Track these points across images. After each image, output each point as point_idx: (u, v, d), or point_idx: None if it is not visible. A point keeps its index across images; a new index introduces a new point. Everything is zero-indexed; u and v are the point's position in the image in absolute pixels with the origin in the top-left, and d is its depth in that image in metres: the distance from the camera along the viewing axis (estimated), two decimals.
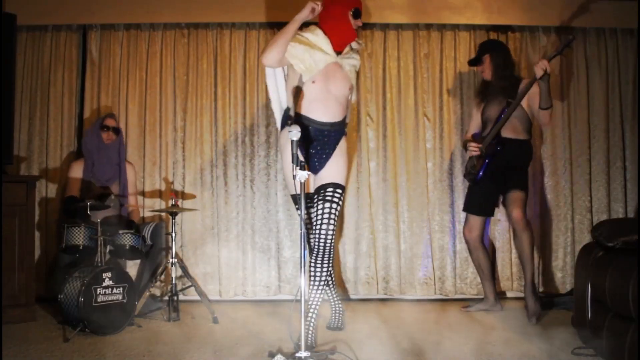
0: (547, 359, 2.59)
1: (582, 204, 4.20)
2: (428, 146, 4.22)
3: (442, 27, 4.27)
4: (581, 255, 2.82)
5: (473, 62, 3.73)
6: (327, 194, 2.77)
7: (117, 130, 3.85)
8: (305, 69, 2.85)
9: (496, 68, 3.59)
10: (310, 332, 2.73)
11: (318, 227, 2.74)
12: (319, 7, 2.84)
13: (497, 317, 3.50)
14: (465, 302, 3.87)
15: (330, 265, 2.83)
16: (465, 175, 3.80)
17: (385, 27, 4.26)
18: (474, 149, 3.61)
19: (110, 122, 3.83)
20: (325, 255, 2.76)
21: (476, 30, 4.25)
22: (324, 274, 2.80)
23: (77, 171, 3.79)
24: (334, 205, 2.75)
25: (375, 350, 2.72)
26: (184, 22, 4.22)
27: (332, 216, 2.74)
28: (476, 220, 3.68)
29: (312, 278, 2.80)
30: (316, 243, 2.75)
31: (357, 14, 2.93)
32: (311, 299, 2.79)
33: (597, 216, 4.18)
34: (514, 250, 4.13)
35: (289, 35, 2.83)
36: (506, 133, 3.48)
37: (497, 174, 3.53)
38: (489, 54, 3.61)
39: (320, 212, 2.75)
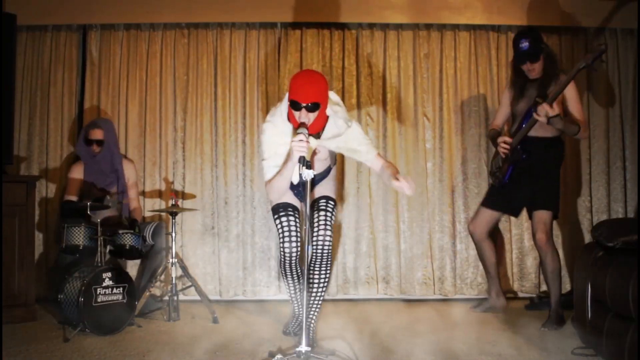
0: (547, 358, 2.59)
1: (582, 204, 4.20)
2: (428, 146, 4.22)
3: (442, 27, 4.27)
4: (581, 255, 2.82)
5: (531, 58, 3.23)
6: (321, 204, 2.87)
7: (101, 142, 3.71)
8: (295, 180, 2.71)
9: (547, 67, 3.26)
10: (310, 333, 2.71)
11: (317, 233, 2.80)
12: (304, 144, 2.45)
13: (498, 317, 3.50)
14: (465, 303, 3.87)
15: (329, 270, 2.86)
16: (490, 174, 3.62)
17: (385, 27, 4.26)
18: (505, 148, 3.34)
19: (94, 135, 3.69)
20: (324, 260, 2.82)
21: (476, 30, 4.25)
22: (326, 278, 2.86)
23: (76, 173, 3.79)
24: (328, 215, 2.85)
25: (375, 350, 2.73)
26: (184, 22, 4.22)
27: (329, 222, 2.82)
28: (487, 215, 3.50)
29: (312, 283, 2.83)
30: (316, 249, 2.80)
31: (293, 106, 2.57)
32: (313, 303, 2.86)
33: (597, 216, 4.18)
34: (514, 250, 4.15)
35: (287, 180, 2.63)
36: (534, 131, 3.24)
37: (524, 177, 3.33)
38: (543, 51, 3.25)
39: (316, 219, 2.83)
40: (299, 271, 2.91)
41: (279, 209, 2.86)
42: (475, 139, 4.19)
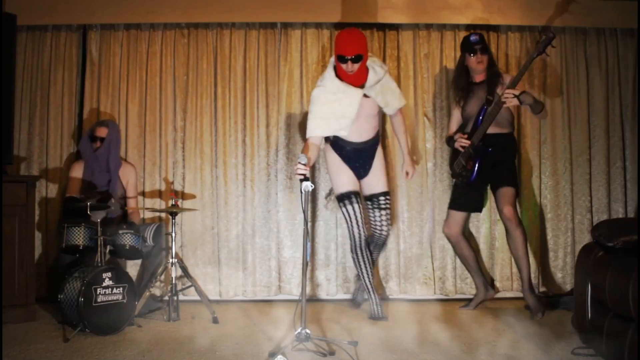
0: (547, 358, 2.59)
1: (582, 204, 4.20)
2: (428, 146, 4.22)
3: (442, 27, 4.27)
4: (581, 255, 2.82)
5: (474, 48, 3.55)
6: (381, 202, 3.49)
7: (103, 140, 3.77)
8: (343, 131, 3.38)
9: (490, 64, 3.61)
10: (376, 304, 3.45)
11: (380, 229, 3.55)
12: (302, 169, 2.88)
13: (497, 317, 3.50)
14: (464, 302, 3.86)
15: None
16: (454, 176, 3.77)
17: (385, 27, 4.26)
18: (464, 141, 3.57)
19: (99, 132, 3.77)
20: (382, 247, 3.73)
21: (476, 30, 4.24)
22: (376, 258, 3.71)
23: (77, 171, 3.80)
24: (389, 211, 3.55)
25: (374, 350, 2.72)
26: (184, 22, 4.22)
27: (389, 219, 3.56)
28: (458, 216, 3.73)
29: (368, 262, 3.46)
30: (378, 238, 3.58)
31: (340, 59, 3.21)
32: (366, 278, 3.47)
33: (597, 216, 4.18)
34: None
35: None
36: (490, 129, 3.51)
37: (485, 171, 3.56)
38: (488, 48, 3.65)
39: (379, 218, 3.52)
40: (369, 252, 3.47)
41: (343, 199, 3.42)
42: None
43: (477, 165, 3.55)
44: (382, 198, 3.49)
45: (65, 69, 4.21)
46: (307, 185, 2.80)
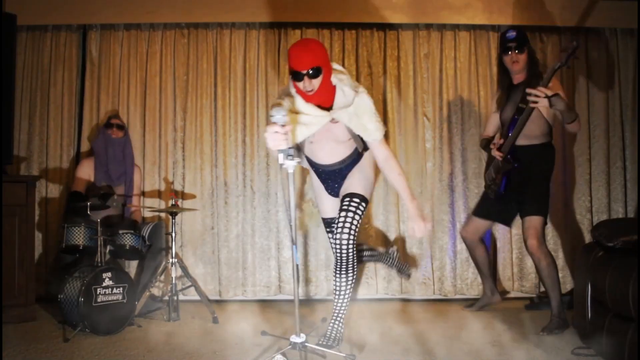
0: (547, 358, 2.59)
1: (582, 204, 4.20)
2: (428, 146, 4.22)
3: (442, 27, 4.27)
4: (581, 255, 2.82)
5: (509, 47, 3.22)
6: (344, 203, 2.67)
7: (120, 127, 3.88)
8: (299, 137, 2.59)
9: (532, 63, 3.26)
10: (335, 331, 2.71)
11: (335, 236, 2.65)
12: (279, 135, 2.21)
13: (497, 317, 3.50)
14: (465, 303, 3.86)
15: (354, 274, 2.70)
16: (485, 188, 3.56)
17: (385, 27, 4.26)
18: (497, 153, 3.27)
19: (115, 120, 3.89)
20: (343, 265, 2.65)
21: (476, 30, 4.25)
22: (348, 283, 2.70)
23: (85, 169, 3.81)
24: (350, 214, 2.62)
25: (374, 349, 2.72)
26: (184, 22, 4.22)
27: (348, 224, 2.61)
28: (480, 224, 3.55)
29: (335, 289, 2.71)
30: (336, 252, 2.66)
31: (295, 77, 2.50)
32: (339, 309, 2.74)
33: (597, 216, 4.18)
34: (514, 250, 4.14)
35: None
36: (520, 140, 3.21)
37: (516, 185, 3.29)
38: (527, 46, 3.26)
39: (336, 221, 2.67)
40: (366, 251, 3.21)
41: (326, 225, 2.99)
42: (475, 139, 4.18)
43: (505, 179, 3.30)
44: (346, 199, 2.67)
45: (65, 69, 4.21)
46: (289, 163, 2.13)
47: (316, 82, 2.47)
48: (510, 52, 3.24)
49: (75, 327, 2.98)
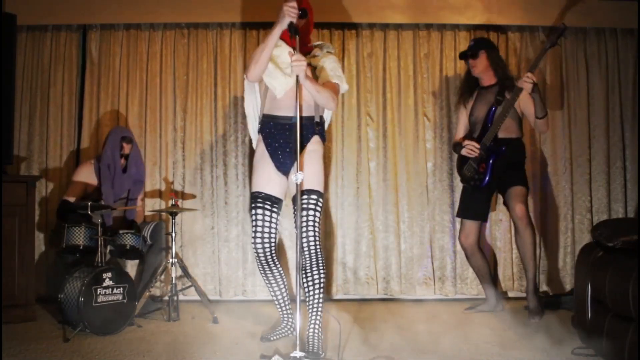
0: (547, 359, 2.59)
1: (582, 204, 4.20)
2: (428, 146, 4.22)
3: (442, 27, 4.27)
4: (581, 255, 2.82)
5: (466, 55, 3.62)
6: (304, 201, 2.73)
7: (127, 157, 3.74)
8: (278, 86, 2.76)
9: (494, 65, 3.55)
10: (316, 338, 2.68)
11: (303, 235, 2.71)
12: (293, 9, 2.56)
13: (498, 317, 3.50)
14: (465, 303, 3.86)
15: (323, 270, 2.75)
16: (464, 181, 3.65)
17: (385, 27, 4.26)
18: (474, 149, 3.49)
19: (126, 150, 3.74)
20: (314, 261, 2.72)
21: (476, 30, 4.25)
22: (321, 277, 2.74)
23: (83, 176, 3.69)
24: (312, 212, 2.74)
25: (374, 349, 2.72)
26: (184, 22, 4.22)
27: (312, 222, 2.73)
28: (473, 225, 3.63)
29: (309, 287, 2.74)
30: (307, 249, 2.72)
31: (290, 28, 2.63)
32: (316, 309, 2.74)
33: (597, 216, 4.18)
34: (515, 251, 4.13)
35: (270, 48, 2.68)
36: (500, 133, 3.45)
37: (497, 174, 3.48)
38: (485, 50, 3.56)
39: (305, 219, 2.72)
40: (277, 269, 2.89)
41: (256, 199, 2.80)
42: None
43: (490, 166, 3.46)
44: (305, 196, 2.73)
45: (65, 69, 4.21)
46: (298, 177, 2.49)
47: (302, 22, 2.77)
48: (468, 60, 3.62)
49: (75, 327, 2.98)
